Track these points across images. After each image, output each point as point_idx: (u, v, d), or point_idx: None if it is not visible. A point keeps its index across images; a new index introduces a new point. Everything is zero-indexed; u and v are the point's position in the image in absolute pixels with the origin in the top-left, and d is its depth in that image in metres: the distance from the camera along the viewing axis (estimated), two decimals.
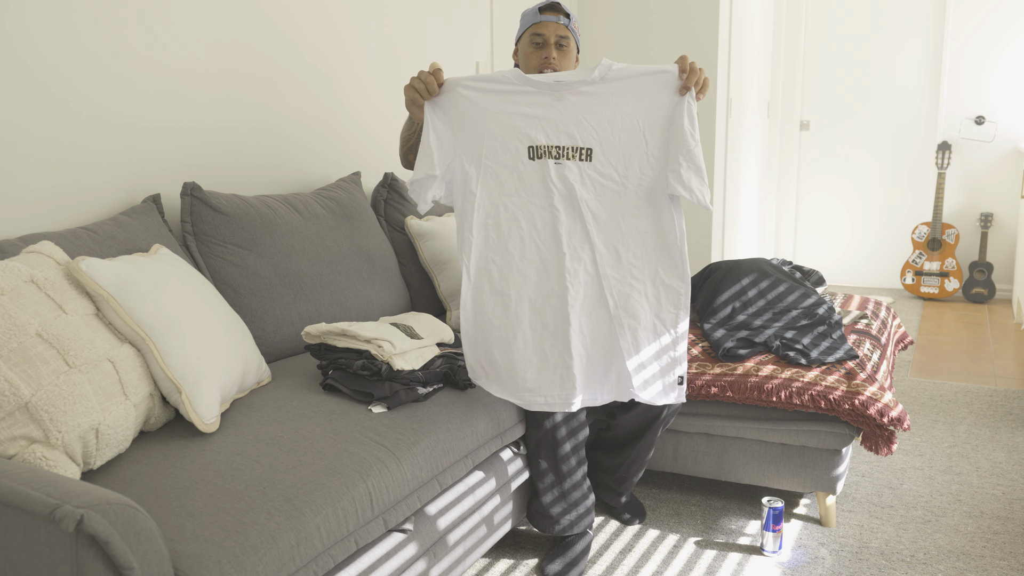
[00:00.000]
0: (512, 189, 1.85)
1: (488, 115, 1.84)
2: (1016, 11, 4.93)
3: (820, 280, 2.80)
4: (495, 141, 1.84)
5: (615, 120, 1.84)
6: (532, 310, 1.85)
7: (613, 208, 1.86)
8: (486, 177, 1.85)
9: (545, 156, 1.85)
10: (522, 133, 1.84)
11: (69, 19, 1.92)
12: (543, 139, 1.84)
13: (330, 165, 2.78)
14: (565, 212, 1.84)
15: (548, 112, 1.84)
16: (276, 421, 1.66)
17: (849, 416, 2.13)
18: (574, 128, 1.84)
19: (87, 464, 1.42)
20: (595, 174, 1.85)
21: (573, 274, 1.84)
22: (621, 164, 1.85)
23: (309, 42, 2.64)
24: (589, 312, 1.86)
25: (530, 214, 1.85)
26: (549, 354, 1.84)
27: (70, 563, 1.08)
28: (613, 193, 1.86)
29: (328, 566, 1.40)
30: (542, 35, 2.15)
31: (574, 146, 1.85)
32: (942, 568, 2.08)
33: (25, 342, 1.39)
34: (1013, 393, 3.35)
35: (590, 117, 1.84)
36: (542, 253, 1.85)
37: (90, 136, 1.99)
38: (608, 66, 1.83)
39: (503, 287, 1.85)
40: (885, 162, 5.41)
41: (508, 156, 1.84)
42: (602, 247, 1.86)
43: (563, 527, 2.10)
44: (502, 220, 1.85)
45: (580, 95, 1.83)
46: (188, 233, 2.11)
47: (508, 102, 1.84)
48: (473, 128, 1.84)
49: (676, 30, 4.08)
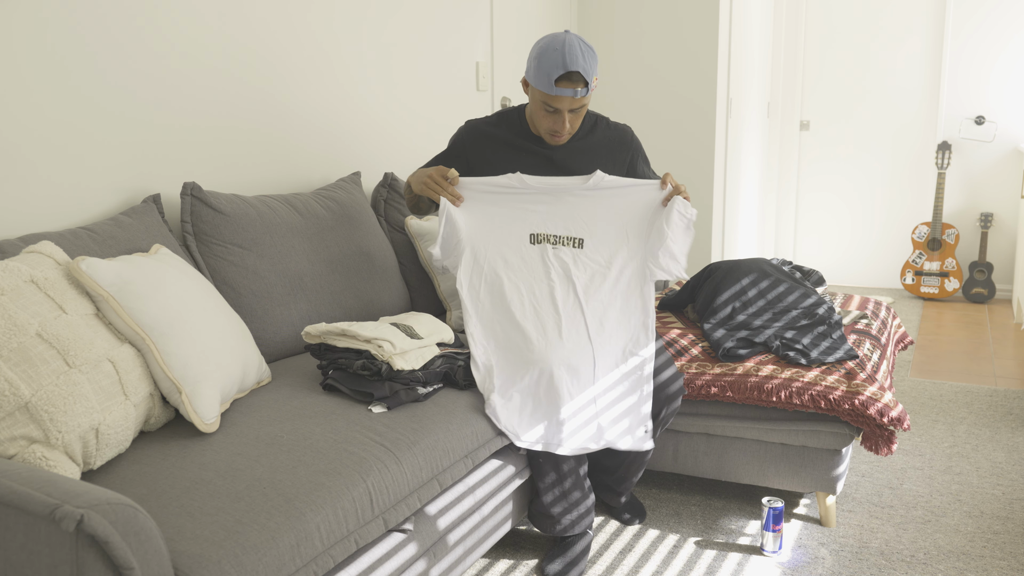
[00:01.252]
0: (515, 266, 2.14)
1: (497, 208, 2.14)
2: (1016, 11, 4.93)
3: (820, 280, 2.80)
4: (502, 229, 2.14)
5: (604, 217, 2.16)
6: (531, 360, 2.01)
7: (600, 286, 2.14)
8: (493, 255, 2.13)
9: (544, 242, 2.15)
10: (525, 223, 2.15)
11: (69, 19, 1.92)
12: (542, 228, 2.15)
13: (330, 165, 2.78)
14: (560, 285, 2.12)
15: (547, 208, 2.15)
16: (276, 421, 1.66)
17: (849, 416, 2.13)
18: (569, 222, 2.16)
19: (87, 464, 1.42)
20: (586, 259, 2.16)
21: (569, 333, 2.06)
22: (607, 252, 2.16)
23: (309, 42, 2.64)
24: (575, 368, 2.03)
25: (530, 286, 2.12)
26: (543, 398, 2.00)
27: (70, 563, 1.08)
28: (600, 275, 2.15)
29: (328, 566, 1.40)
30: (555, 107, 2.03)
31: (568, 236, 2.16)
32: (942, 568, 2.08)
33: (25, 342, 1.39)
34: (1013, 393, 3.35)
35: (583, 213, 2.15)
36: (540, 316, 2.09)
37: (90, 136, 1.99)
38: (601, 178, 2.14)
39: (506, 345, 2.06)
40: (885, 162, 5.41)
41: (513, 240, 2.14)
42: (590, 314, 2.10)
43: (564, 527, 2.10)
44: (506, 289, 2.10)
45: (575, 195, 2.15)
46: (188, 233, 2.11)
47: (512, 199, 2.14)
48: (483, 218, 2.13)
49: (676, 30, 4.08)
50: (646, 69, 4.17)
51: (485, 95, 3.61)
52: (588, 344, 2.05)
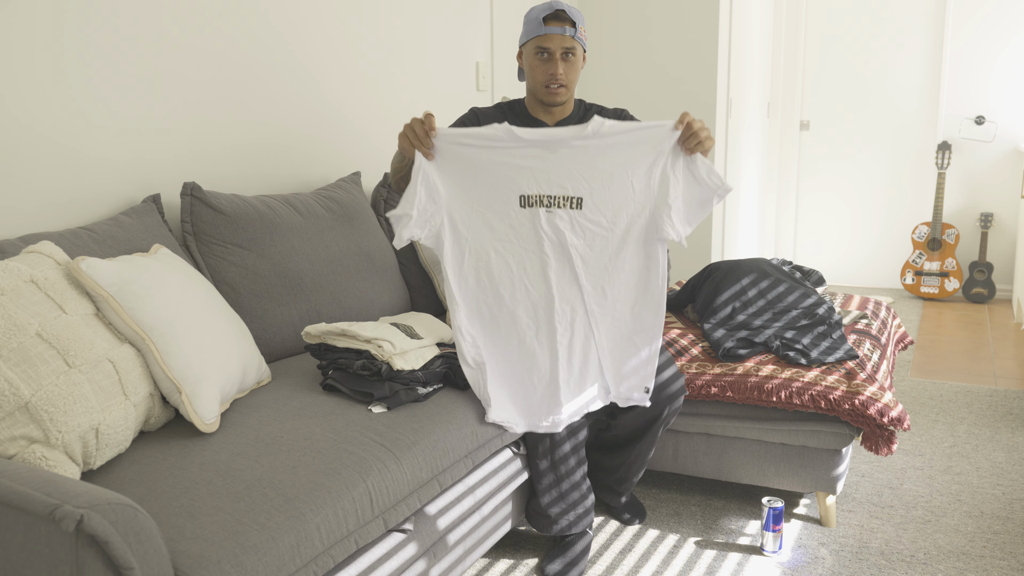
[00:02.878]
0: (503, 235, 1.93)
1: (480, 166, 1.89)
2: (1016, 11, 4.93)
3: (820, 280, 2.80)
4: (487, 190, 1.91)
5: (606, 170, 1.91)
6: (521, 347, 1.97)
7: (602, 252, 1.95)
8: (478, 224, 1.92)
9: (536, 205, 1.92)
10: (513, 183, 1.91)
11: (68, 20, 1.92)
12: (534, 189, 1.91)
13: (330, 165, 2.78)
14: (554, 257, 1.93)
15: (539, 163, 1.90)
16: (276, 421, 1.66)
17: (849, 416, 2.13)
18: (565, 179, 1.91)
19: (87, 464, 1.42)
20: (585, 221, 1.93)
21: (561, 314, 1.96)
22: (610, 211, 1.94)
23: (309, 42, 2.64)
24: (575, 345, 1.98)
25: (520, 259, 1.94)
26: (537, 385, 1.97)
27: (70, 563, 1.08)
28: (602, 239, 1.95)
29: (328, 566, 1.40)
30: (547, 48, 2.05)
31: (565, 195, 1.92)
32: (942, 568, 2.08)
33: (25, 342, 1.39)
34: (1013, 393, 3.35)
35: (581, 168, 1.91)
36: (532, 296, 1.95)
37: (90, 136, 1.99)
38: (600, 123, 1.89)
39: (494, 328, 1.96)
40: (885, 162, 5.41)
41: (500, 204, 1.91)
42: (589, 287, 1.96)
43: (562, 527, 2.10)
44: (493, 264, 1.93)
45: (571, 147, 1.90)
46: (188, 233, 2.11)
47: (500, 154, 1.89)
48: (464, 178, 1.90)
49: (676, 30, 4.08)
50: (646, 69, 4.17)
51: (485, 95, 3.61)
52: (586, 318, 1.97)
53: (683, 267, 4.16)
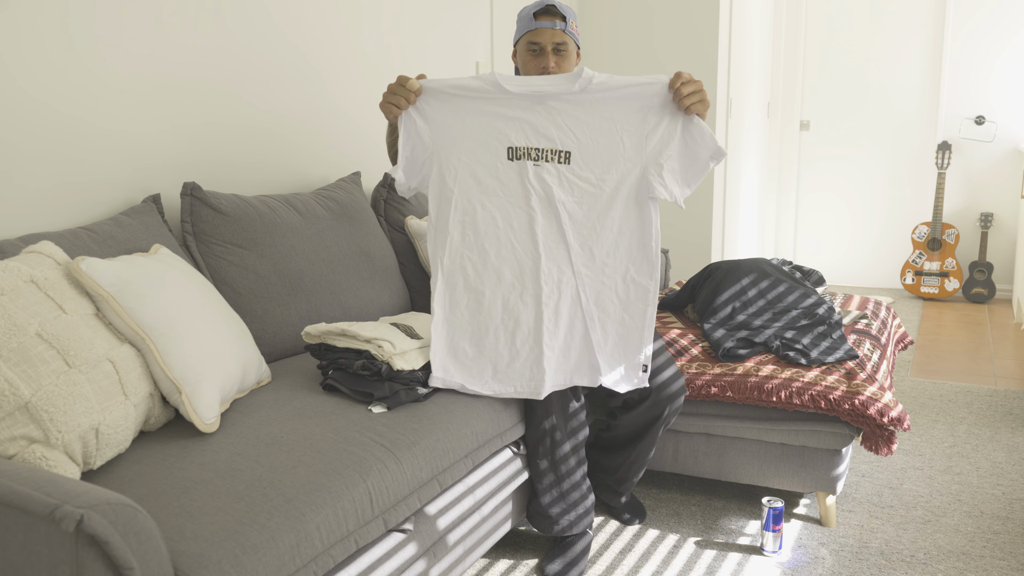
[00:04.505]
0: (490, 189, 1.89)
1: (468, 116, 1.87)
2: (1016, 11, 4.93)
3: (820, 280, 2.80)
4: (474, 141, 1.87)
5: (595, 124, 1.87)
6: (505, 308, 1.92)
7: (590, 209, 1.91)
8: (464, 176, 1.88)
9: (524, 158, 1.89)
10: (501, 134, 1.87)
11: (69, 19, 1.92)
12: (522, 141, 1.88)
13: (330, 165, 2.78)
14: (542, 213, 1.89)
15: (528, 115, 1.87)
16: (276, 421, 1.66)
17: (849, 416, 2.13)
18: (553, 131, 1.88)
19: (87, 464, 1.42)
20: (573, 176, 1.90)
21: (548, 274, 1.91)
22: (599, 167, 1.89)
23: (309, 42, 2.64)
24: (562, 309, 1.92)
25: (507, 214, 1.90)
26: (520, 348, 1.91)
27: (70, 563, 1.08)
28: (590, 196, 1.90)
29: (328, 566, 1.40)
30: (538, 43, 2.06)
31: (553, 149, 1.88)
32: (942, 568, 2.08)
33: (25, 342, 1.39)
34: (1013, 393, 3.35)
35: (570, 121, 1.88)
36: (517, 253, 1.90)
37: (90, 136, 1.99)
38: (590, 77, 1.85)
39: (477, 284, 1.91)
40: (885, 162, 5.41)
41: (487, 156, 1.88)
42: (577, 246, 1.91)
43: (562, 527, 2.10)
44: (479, 219, 1.89)
45: (561, 101, 1.87)
46: (188, 233, 2.11)
47: (488, 103, 1.87)
48: (452, 128, 1.87)
49: (676, 30, 4.08)
50: (647, 69, 4.17)
51: None
52: (573, 280, 1.92)
53: (683, 267, 4.16)
